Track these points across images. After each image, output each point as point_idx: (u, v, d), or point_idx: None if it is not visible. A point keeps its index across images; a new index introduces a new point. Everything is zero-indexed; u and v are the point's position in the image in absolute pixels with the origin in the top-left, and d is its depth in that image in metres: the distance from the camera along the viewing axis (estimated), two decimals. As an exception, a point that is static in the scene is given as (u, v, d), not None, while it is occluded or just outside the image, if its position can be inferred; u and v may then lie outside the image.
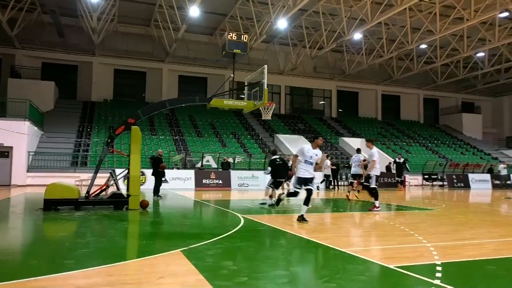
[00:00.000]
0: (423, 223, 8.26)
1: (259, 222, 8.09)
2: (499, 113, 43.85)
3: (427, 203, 13.55)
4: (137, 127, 10.74)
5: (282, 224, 7.88)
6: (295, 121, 34.78)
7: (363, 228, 7.86)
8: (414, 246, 5.64)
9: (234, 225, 7.42)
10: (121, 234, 6.55)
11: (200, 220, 8.93)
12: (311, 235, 6.38)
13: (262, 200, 12.07)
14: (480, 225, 8.19)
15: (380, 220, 8.67)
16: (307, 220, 7.80)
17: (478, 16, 24.88)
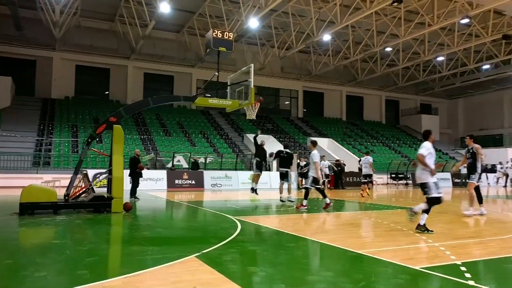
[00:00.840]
0: (416, 222, 8.42)
1: (255, 223, 7.95)
2: (454, 115, 46.12)
3: (404, 202, 13.93)
4: (119, 126, 10.27)
5: (280, 225, 7.79)
6: (263, 121, 34.82)
7: (362, 228, 7.92)
8: (424, 246, 5.72)
9: (232, 228, 7.24)
10: (120, 240, 6.19)
11: (193, 223, 8.63)
12: (317, 237, 6.33)
13: (287, 198, 12.72)
14: (468, 223, 8.47)
15: (373, 220, 8.78)
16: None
17: (440, 22, 25.94)
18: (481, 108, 43.58)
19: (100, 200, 9.78)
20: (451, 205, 13.03)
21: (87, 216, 8.86)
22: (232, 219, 8.49)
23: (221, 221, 8.35)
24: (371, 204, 12.79)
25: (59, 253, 5.17)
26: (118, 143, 10.20)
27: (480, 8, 23.45)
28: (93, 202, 9.69)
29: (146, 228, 7.37)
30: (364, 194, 15.83)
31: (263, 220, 8.57)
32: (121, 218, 8.76)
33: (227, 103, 11.48)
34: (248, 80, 11.13)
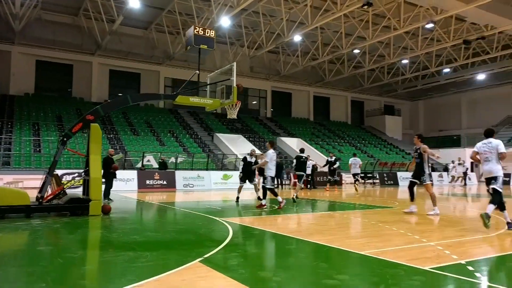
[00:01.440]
0: (401, 221, 8.58)
1: (244, 225, 7.80)
2: (415, 116, 47.86)
3: (378, 201, 14.22)
4: (97, 124, 9.80)
5: (270, 227, 7.68)
6: (233, 120, 34.58)
7: (353, 228, 7.93)
8: (421, 245, 5.78)
9: (222, 230, 7.07)
10: (111, 246, 5.84)
11: (181, 225, 8.30)
12: (314, 238, 6.26)
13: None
14: (449, 222, 8.71)
15: (360, 220, 8.85)
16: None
17: (406, 26, 26.74)
18: (440, 109, 45.46)
19: (77, 202, 9.29)
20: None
21: (63, 219, 8.39)
22: (218, 220, 8.30)
23: (208, 223, 8.15)
24: (351, 204, 12.95)
25: (49, 262, 4.81)
26: (95, 142, 9.74)
27: (444, 14, 24.36)
28: (69, 204, 9.19)
29: (134, 232, 7.03)
30: (355, 190, 18.26)
31: (250, 221, 8.43)
32: (102, 221, 8.35)
33: (208, 102, 11.25)
34: (230, 79, 10.95)
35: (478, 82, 39.96)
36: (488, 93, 40.85)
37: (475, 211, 10.89)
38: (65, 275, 4.21)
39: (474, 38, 28.20)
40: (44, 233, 6.96)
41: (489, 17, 24.74)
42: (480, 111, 41.75)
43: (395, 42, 32.44)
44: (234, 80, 10.88)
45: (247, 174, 12.89)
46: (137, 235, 6.69)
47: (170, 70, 33.70)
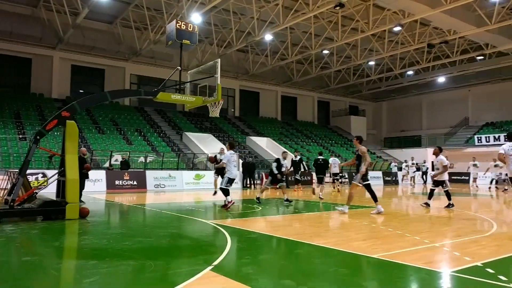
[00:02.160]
0: (389, 221, 8.58)
1: (239, 228, 7.49)
2: (379, 117, 49.11)
3: (359, 201, 14.29)
4: (73, 122, 9.16)
5: (266, 229, 7.42)
6: (201, 119, 34.04)
7: (350, 229, 7.77)
8: (428, 247, 5.73)
9: (217, 234, 6.75)
10: (106, 254, 5.36)
11: (171, 229, 7.84)
12: (317, 241, 6.07)
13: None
14: (435, 222, 8.81)
15: (350, 220, 8.77)
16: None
17: (374, 29, 27.26)
18: (402, 110, 46.86)
19: (52, 205, 8.62)
20: (386, 203, 13.60)
21: (39, 224, 7.74)
22: (208, 223, 7.95)
23: (199, 226, 7.78)
24: (333, 204, 12.92)
25: (43, 275, 4.31)
26: (71, 141, 9.10)
27: (411, 18, 24.99)
28: (44, 208, 8.50)
29: (123, 238, 6.53)
30: (339, 191, 18.84)
31: (241, 223, 8.13)
32: (82, 226, 7.77)
33: (190, 100, 10.84)
34: (214, 76, 10.58)
35: (438, 85, 41.51)
36: (447, 96, 42.54)
37: (438, 209, 11.13)
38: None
39: (438, 42, 29.22)
40: (23, 240, 6.34)
41: (452, 22, 25.62)
42: (440, 112, 43.41)
43: (362, 44, 33.05)
44: (218, 77, 10.54)
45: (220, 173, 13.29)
46: (128, 241, 6.22)
47: (136, 66, 32.64)
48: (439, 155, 11.39)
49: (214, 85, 10.50)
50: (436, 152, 11.53)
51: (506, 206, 13.49)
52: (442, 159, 11.23)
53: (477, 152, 33.04)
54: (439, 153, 11.44)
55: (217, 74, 10.52)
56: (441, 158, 11.27)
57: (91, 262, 4.78)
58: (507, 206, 13.34)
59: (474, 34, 27.36)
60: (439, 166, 11.24)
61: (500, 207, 13.12)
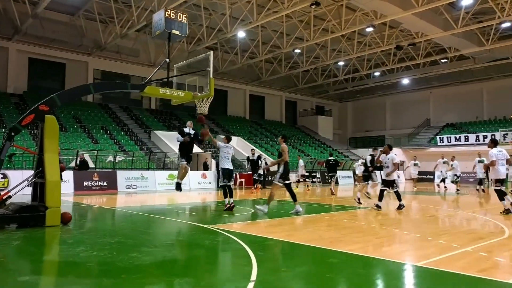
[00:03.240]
0: (396, 222, 8.32)
1: (248, 234, 6.90)
2: (344, 117, 49.83)
3: (342, 200, 14.09)
4: (53, 116, 8.21)
5: (276, 234, 6.88)
6: (169, 117, 32.93)
7: (363, 232, 7.33)
8: (463, 252, 5.43)
9: (229, 241, 6.16)
10: (118, 269, 4.62)
11: (171, 236, 7.10)
12: (344, 247, 5.64)
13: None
14: (443, 223, 8.66)
15: (356, 222, 8.43)
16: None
17: (345, 29, 27.40)
18: (367, 111, 47.78)
19: (30, 211, 7.65)
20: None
21: (18, 233, 6.81)
22: (209, 228, 7.32)
23: (204, 233, 7.10)
24: (326, 205, 12.60)
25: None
26: (51, 138, 8.16)
27: (383, 19, 25.30)
28: (21, 214, 7.52)
29: (126, 248, 5.74)
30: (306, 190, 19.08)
31: (245, 228, 7.55)
32: (69, 234, 6.92)
33: (179, 95, 10.12)
34: (206, 70, 9.91)
35: (401, 86, 42.63)
36: (410, 97, 43.79)
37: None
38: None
39: (406, 44, 29.86)
40: (9, 254, 5.45)
41: (422, 24, 26.21)
42: (403, 113, 44.62)
43: (331, 44, 33.20)
44: (210, 71, 9.88)
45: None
46: (134, 251, 5.48)
47: (100, 61, 31.04)
48: (389, 153, 10.88)
49: (211, 78, 9.80)
50: (386, 150, 11.02)
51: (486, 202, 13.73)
52: (393, 157, 10.75)
53: (440, 152, 34.17)
54: (389, 151, 10.92)
55: (209, 67, 9.86)
56: (392, 156, 10.78)
57: (108, 282, 4.06)
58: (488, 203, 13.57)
59: (441, 37, 28.18)
60: (390, 164, 10.70)
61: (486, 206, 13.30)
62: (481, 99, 39.41)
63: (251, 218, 9.14)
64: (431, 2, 23.17)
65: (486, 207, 12.16)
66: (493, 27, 27.93)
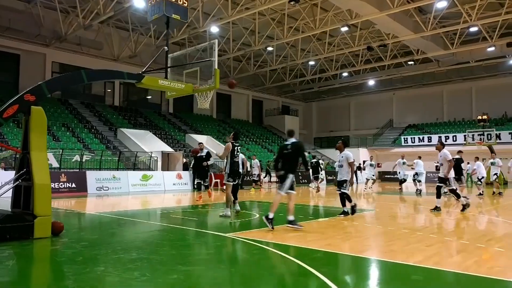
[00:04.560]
0: (427, 227, 7.88)
1: (282, 244, 6.09)
2: (309, 117, 49.99)
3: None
4: (40, 108, 7.02)
5: (320, 244, 6.14)
6: (134, 115, 31.24)
7: (411, 240, 6.71)
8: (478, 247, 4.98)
9: (257, 251, 5.38)
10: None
11: (198, 249, 6.08)
12: (410, 259, 5.02)
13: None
14: (472, 226, 8.32)
15: (377, 226, 7.89)
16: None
17: (319, 28, 27.21)
18: (331, 111, 48.19)
19: (15, 220, 6.42)
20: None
21: (3, 248, 5.61)
22: (233, 238, 6.47)
23: (230, 244, 6.25)
24: (330, 208, 12.04)
25: None
26: (39, 133, 6.97)
27: (359, 19, 25.29)
28: (3, 224, 6.26)
29: (157, 267, 4.72)
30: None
31: (265, 236, 6.73)
32: (70, 248, 5.82)
33: (179, 87, 9.14)
34: (211, 60, 9.01)
35: (365, 87, 43.33)
36: (373, 98, 44.60)
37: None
38: None
39: (377, 45, 30.17)
40: (5, 276, 4.33)
41: (394, 26, 26.46)
42: (366, 114, 45.37)
43: (302, 44, 32.95)
44: (215, 61, 8.99)
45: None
46: (172, 271, 4.50)
47: (59, 53, 28.84)
48: (343, 150, 9.65)
49: (216, 69, 8.90)
50: (340, 146, 9.74)
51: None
52: (348, 156, 9.48)
53: (404, 152, 34.94)
54: (343, 148, 9.69)
55: (214, 57, 8.96)
56: (346, 155, 9.56)
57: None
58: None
59: (410, 39, 28.68)
60: (344, 162, 9.51)
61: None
62: (442, 101, 40.84)
63: (261, 224, 8.35)
64: (407, 4, 23.46)
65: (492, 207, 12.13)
66: (458, 31, 28.80)
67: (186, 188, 20.35)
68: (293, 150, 7.48)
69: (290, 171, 7.46)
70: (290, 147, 7.54)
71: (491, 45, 28.73)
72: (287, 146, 7.62)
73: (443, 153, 10.29)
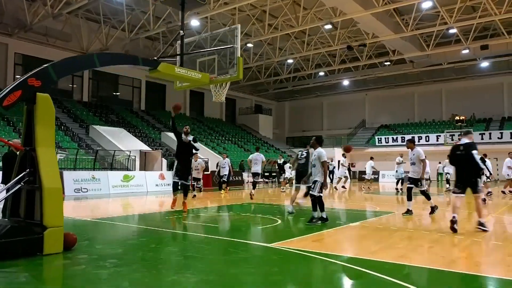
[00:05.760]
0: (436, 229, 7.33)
1: (363, 258, 5.32)
2: (282, 116, 49.57)
3: (350, 202, 13.05)
4: (47, 95, 5.84)
5: (382, 255, 5.41)
6: (105, 111, 29.40)
7: (466, 245, 6.17)
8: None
9: (352, 271, 4.58)
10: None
11: (262, 267, 5.18)
12: (492, 272, 4.37)
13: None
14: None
15: (413, 232, 7.27)
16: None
17: (304, 25, 26.72)
18: (304, 111, 47.98)
19: (21, 233, 5.22)
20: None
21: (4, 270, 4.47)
22: (270, 247, 5.60)
23: (264, 253, 5.37)
24: (355, 211, 11.34)
25: None
26: (46, 125, 5.81)
27: (343, 16, 24.97)
28: (6, 238, 5.05)
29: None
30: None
31: (336, 247, 5.93)
32: (93, 267, 4.72)
33: (196, 76, 8.13)
34: (233, 46, 8.06)
35: (338, 87, 43.44)
36: (346, 98, 44.82)
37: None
38: None
39: (357, 44, 30.08)
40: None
41: (376, 25, 26.40)
42: (339, 114, 45.52)
43: (280, 42, 32.33)
44: (238, 48, 8.06)
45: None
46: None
47: (23, 44, 26.63)
48: (317, 147, 8.58)
49: (238, 57, 7.95)
50: (314, 143, 8.70)
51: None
52: (321, 154, 8.40)
53: (377, 152, 35.31)
54: (317, 146, 8.55)
55: (236, 43, 8.03)
56: (319, 151, 8.52)
57: None
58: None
59: (390, 39, 28.79)
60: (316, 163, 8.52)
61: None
62: (413, 102, 41.60)
63: (297, 231, 7.52)
64: (391, 4, 23.39)
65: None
66: (434, 33, 29.24)
67: (169, 190, 19.10)
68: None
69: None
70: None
71: (465, 47, 29.32)
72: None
73: (417, 152, 9.60)
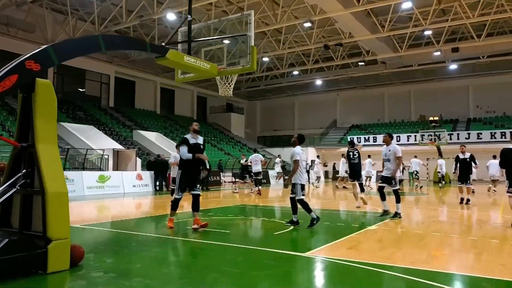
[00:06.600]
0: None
1: (418, 269, 4.81)
2: (253, 115, 49.02)
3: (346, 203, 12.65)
4: (48, 81, 4.94)
5: (435, 265, 4.94)
6: (72, 108, 27.69)
7: (463, 247, 5.84)
8: None
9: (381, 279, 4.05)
10: None
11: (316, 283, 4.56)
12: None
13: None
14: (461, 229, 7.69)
15: (430, 233, 6.92)
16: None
17: (283, 22, 26.29)
18: (275, 110, 47.67)
19: (21, 248, 4.31)
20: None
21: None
22: (307, 257, 5.01)
23: (303, 264, 4.77)
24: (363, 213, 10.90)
25: None
26: (47, 117, 4.91)
27: (323, 15, 24.74)
28: (6, 256, 4.14)
29: None
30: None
31: (376, 256, 5.40)
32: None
33: (204, 67, 7.39)
34: (246, 35, 7.37)
35: (310, 87, 43.44)
36: (318, 98, 44.89)
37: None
38: None
39: (333, 44, 30.00)
40: None
41: (354, 25, 26.37)
42: (311, 114, 45.52)
43: (255, 40, 31.78)
44: (252, 36, 7.38)
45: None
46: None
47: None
48: (297, 144, 8.10)
49: (252, 46, 7.27)
50: (295, 141, 8.13)
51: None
52: (294, 152, 7.91)
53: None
54: (298, 144, 8.07)
55: (250, 32, 7.35)
56: (292, 150, 8.01)
57: None
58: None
59: (366, 39, 28.90)
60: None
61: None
62: (383, 102, 42.25)
63: (319, 237, 6.95)
64: (371, 3, 23.37)
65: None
66: (407, 35, 29.67)
67: (147, 190, 18.10)
68: None
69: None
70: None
71: (437, 49, 29.94)
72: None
73: (393, 148, 8.80)
